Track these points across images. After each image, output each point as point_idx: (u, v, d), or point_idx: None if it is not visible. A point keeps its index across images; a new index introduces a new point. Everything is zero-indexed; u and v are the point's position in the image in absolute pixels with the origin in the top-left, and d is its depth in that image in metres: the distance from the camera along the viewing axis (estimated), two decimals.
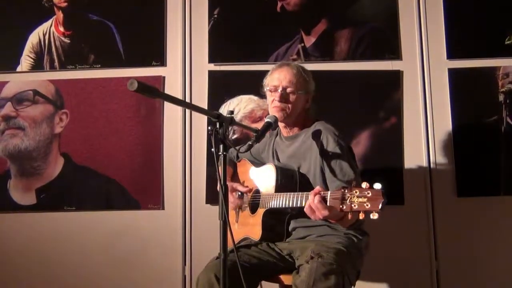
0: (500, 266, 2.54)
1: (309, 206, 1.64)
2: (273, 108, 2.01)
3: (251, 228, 2.03)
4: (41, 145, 2.72)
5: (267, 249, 1.98)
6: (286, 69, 2.03)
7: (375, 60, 2.69)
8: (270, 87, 2.03)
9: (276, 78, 2.02)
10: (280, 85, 1.99)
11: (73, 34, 2.81)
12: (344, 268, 1.77)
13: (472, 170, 2.58)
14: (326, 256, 1.77)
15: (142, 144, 2.71)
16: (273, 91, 2.01)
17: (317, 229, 1.95)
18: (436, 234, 2.57)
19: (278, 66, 2.07)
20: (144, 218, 2.67)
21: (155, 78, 2.72)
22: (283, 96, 1.99)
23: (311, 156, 1.97)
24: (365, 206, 1.48)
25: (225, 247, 1.53)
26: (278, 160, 2.10)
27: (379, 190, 1.48)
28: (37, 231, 2.68)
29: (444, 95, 2.64)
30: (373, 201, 1.47)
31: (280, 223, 2.00)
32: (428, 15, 2.71)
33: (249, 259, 1.91)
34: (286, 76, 2.00)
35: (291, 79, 2.00)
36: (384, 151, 2.61)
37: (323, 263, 1.74)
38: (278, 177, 1.93)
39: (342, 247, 1.85)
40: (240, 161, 2.28)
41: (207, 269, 1.86)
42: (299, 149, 2.03)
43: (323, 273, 1.71)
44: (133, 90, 1.31)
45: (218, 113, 1.59)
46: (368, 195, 1.48)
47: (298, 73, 2.02)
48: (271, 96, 2.03)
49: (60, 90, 2.76)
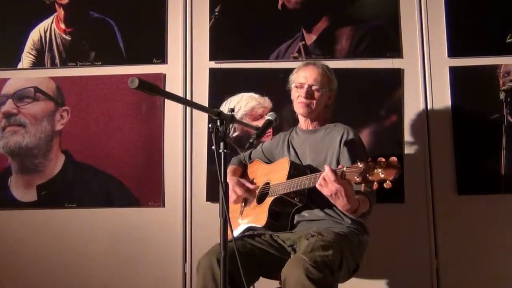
0: (500, 264, 2.54)
1: (323, 178, 1.68)
2: (299, 103, 2.13)
3: (256, 216, 2.06)
4: (42, 142, 2.73)
5: (269, 240, 2.00)
6: (312, 68, 2.15)
7: (376, 58, 2.69)
8: (296, 83, 2.15)
9: (303, 76, 2.14)
10: (306, 83, 2.12)
11: (74, 31, 2.81)
12: (343, 248, 1.81)
13: (473, 168, 2.58)
14: (327, 235, 1.83)
15: (143, 142, 2.71)
16: (299, 88, 2.13)
17: (321, 222, 1.98)
18: (436, 232, 2.57)
19: (305, 65, 2.19)
20: (145, 216, 2.67)
21: (156, 76, 2.72)
22: (309, 93, 2.11)
23: (329, 149, 2.05)
24: (380, 175, 1.52)
25: (225, 244, 1.54)
26: (294, 150, 2.17)
27: (394, 160, 1.52)
28: (37, 228, 2.69)
29: (445, 93, 2.64)
30: (387, 170, 1.51)
31: (285, 215, 2.03)
32: (429, 13, 2.70)
33: (251, 249, 1.93)
34: (312, 75, 2.12)
35: (317, 78, 2.11)
36: (384, 149, 2.60)
37: (323, 239, 1.79)
38: (291, 169, 2.00)
39: (344, 233, 1.91)
40: (252, 161, 2.32)
41: (208, 253, 1.89)
42: (319, 142, 2.11)
43: (322, 245, 1.75)
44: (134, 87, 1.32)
45: (219, 110, 1.59)
46: (383, 165, 1.52)
47: (323, 72, 2.14)
48: (296, 92, 2.15)
49: (61, 87, 2.77)
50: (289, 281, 1.66)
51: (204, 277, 1.83)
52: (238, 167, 2.31)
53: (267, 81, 2.69)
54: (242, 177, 2.24)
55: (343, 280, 1.88)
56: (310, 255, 1.69)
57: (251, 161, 2.33)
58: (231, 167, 2.30)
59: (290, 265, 1.71)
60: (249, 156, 2.38)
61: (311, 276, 1.62)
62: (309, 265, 1.64)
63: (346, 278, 1.90)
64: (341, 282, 1.88)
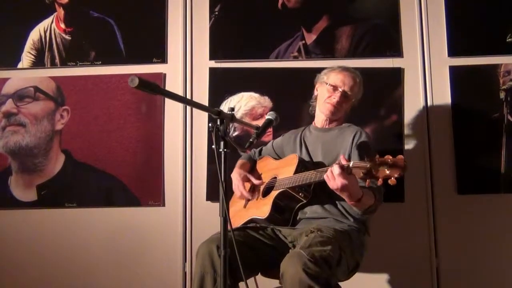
0: (500, 263, 2.54)
1: (331, 171, 1.71)
2: (328, 104, 2.17)
3: (259, 208, 2.07)
4: (42, 141, 2.73)
5: (271, 234, 2.02)
6: (350, 75, 2.19)
7: (376, 57, 2.69)
8: (332, 84, 2.16)
9: (341, 79, 2.17)
10: (343, 87, 2.15)
11: (74, 31, 2.81)
12: (342, 245, 1.82)
13: (473, 168, 2.58)
14: (326, 232, 1.83)
15: (143, 141, 2.71)
16: (333, 89, 2.16)
17: (323, 221, 1.98)
18: (436, 232, 2.57)
19: (345, 69, 2.21)
20: (145, 215, 2.67)
21: (156, 75, 2.72)
22: (342, 98, 2.15)
23: (341, 147, 2.09)
24: (385, 171, 1.55)
25: (225, 243, 1.54)
26: (306, 148, 2.18)
27: (400, 158, 1.56)
28: (38, 228, 2.68)
29: (445, 92, 2.64)
30: (394, 167, 1.55)
31: (289, 210, 2.04)
32: (429, 13, 2.70)
33: (253, 241, 1.96)
34: (350, 82, 2.16)
35: (353, 86, 2.17)
36: (384, 148, 2.59)
37: (322, 235, 1.80)
38: (299, 165, 2.01)
39: (344, 230, 1.92)
40: (262, 157, 2.33)
41: (208, 240, 1.90)
42: (332, 141, 2.14)
43: (320, 241, 1.75)
44: (134, 86, 1.31)
45: (219, 110, 1.59)
46: (389, 162, 1.56)
47: (359, 82, 2.20)
48: (328, 92, 2.17)
49: (61, 87, 2.77)
50: (287, 276, 1.67)
51: (203, 263, 1.85)
52: (247, 162, 2.32)
53: (267, 80, 2.69)
54: (251, 172, 2.25)
55: (342, 277, 1.88)
56: (308, 250, 1.69)
57: (260, 157, 2.34)
58: (240, 161, 2.32)
59: (288, 260, 1.71)
60: (259, 152, 2.39)
61: (309, 271, 1.62)
62: (307, 259, 1.64)
63: (346, 276, 1.90)
64: (341, 279, 1.88)
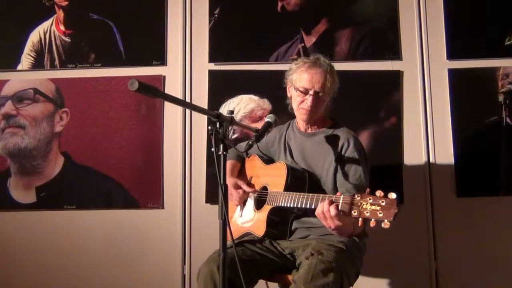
0: (499, 266, 2.54)
1: (322, 213, 1.66)
2: (302, 109, 1.99)
3: (255, 223, 2.05)
4: (41, 143, 2.72)
5: (269, 246, 1.99)
6: (320, 72, 1.96)
7: (375, 60, 2.69)
8: (300, 88, 1.97)
9: (309, 80, 1.96)
10: (312, 89, 1.95)
11: (73, 33, 2.81)
12: (344, 267, 1.79)
13: (472, 170, 2.59)
14: (326, 254, 1.79)
15: (142, 143, 2.71)
16: (303, 93, 1.97)
17: (320, 229, 1.95)
18: (435, 234, 2.57)
19: (311, 66, 1.98)
20: (144, 217, 2.67)
21: (155, 78, 2.72)
22: (314, 101, 1.96)
23: (327, 157, 1.98)
24: (377, 214, 1.50)
25: (224, 246, 1.53)
26: (291, 155, 2.09)
27: (393, 199, 1.49)
28: (37, 230, 2.68)
29: (444, 95, 2.65)
30: (386, 210, 1.49)
31: (284, 223, 2.02)
32: (428, 15, 2.71)
33: (252, 255, 1.93)
34: (319, 80, 1.94)
35: (324, 83, 1.94)
36: (384, 151, 2.61)
37: (323, 261, 1.75)
38: (289, 177, 1.94)
39: (343, 246, 1.88)
40: (250, 156, 2.24)
41: (209, 261, 1.88)
42: (316, 148, 2.03)
43: (322, 270, 1.72)
44: (133, 90, 1.30)
45: (218, 112, 1.59)
46: (382, 203, 1.50)
47: (330, 76, 1.96)
48: (298, 96, 1.99)
49: (61, 89, 2.76)
50: None
51: (205, 284, 1.82)
52: (237, 163, 2.24)
53: (266, 83, 2.68)
54: (240, 174, 2.21)
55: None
56: (312, 285, 1.68)
57: (248, 156, 2.28)
58: (230, 163, 2.19)
59: None
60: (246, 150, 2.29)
61: None
62: None
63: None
64: None
